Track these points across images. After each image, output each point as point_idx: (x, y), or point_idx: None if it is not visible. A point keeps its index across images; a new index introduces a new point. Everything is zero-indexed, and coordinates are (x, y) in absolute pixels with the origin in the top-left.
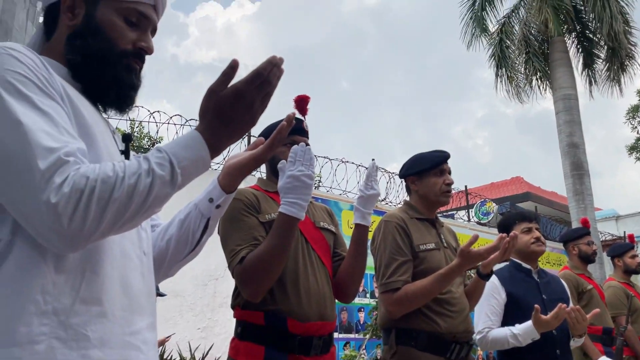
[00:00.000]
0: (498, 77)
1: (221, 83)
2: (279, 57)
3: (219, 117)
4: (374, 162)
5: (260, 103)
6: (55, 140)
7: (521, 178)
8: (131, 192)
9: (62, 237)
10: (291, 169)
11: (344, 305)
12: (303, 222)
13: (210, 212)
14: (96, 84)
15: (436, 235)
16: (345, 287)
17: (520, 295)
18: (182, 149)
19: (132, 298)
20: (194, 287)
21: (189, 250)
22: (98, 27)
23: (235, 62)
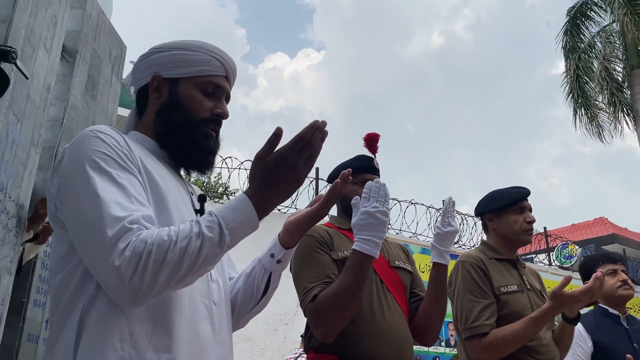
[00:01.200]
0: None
1: (267, 150)
2: (321, 120)
3: (265, 181)
4: (450, 198)
5: (304, 164)
6: (124, 210)
7: (605, 219)
8: (182, 254)
9: (125, 294)
10: (365, 205)
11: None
12: (377, 261)
13: (272, 267)
14: (180, 150)
15: (518, 276)
16: (425, 330)
17: (608, 343)
18: (231, 212)
19: (202, 345)
20: (265, 331)
21: (255, 303)
22: (180, 101)
23: (280, 130)
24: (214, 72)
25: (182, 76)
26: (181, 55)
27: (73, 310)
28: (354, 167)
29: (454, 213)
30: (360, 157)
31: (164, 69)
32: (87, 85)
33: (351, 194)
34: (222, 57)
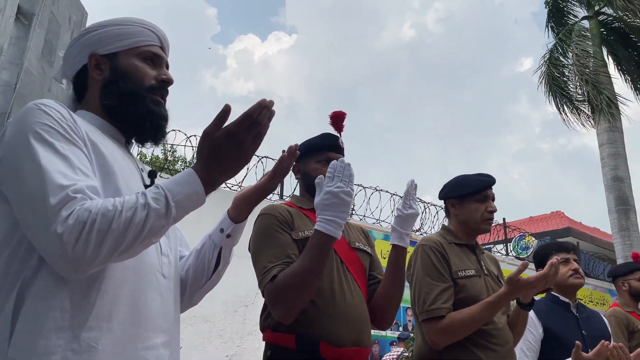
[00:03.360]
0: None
1: (215, 126)
2: (269, 100)
3: (212, 156)
4: (412, 181)
5: (252, 142)
6: (67, 179)
7: (562, 213)
8: (127, 224)
9: (67, 263)
10: (329, 185)
11: (376, 338)
12: (338, 242)
13: (222, 242)
14: (132, 120)
15: (476, 261)
16: (382, 313)
17: (558, 330)
18: (178, 185)
19: (147, 316)
20: (224, 312)
21: (206, 279)
22: (124, 72)
23: (228, 107)
24: (150, 42)
25: (120, 50)
26: (115, 30)
27: (15, 284)
28: (318, 145)
29: (415, 196)
30: (326, 135)
31: (100, 46)
32: (43, 50)
33: (315, 173)
34: (154, 28)
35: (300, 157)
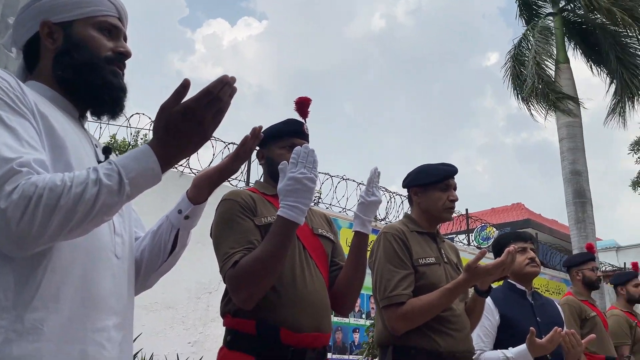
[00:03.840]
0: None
1: (173, 101)
2: (230, 76)
3: (170, 133)
4: (375, 168)
5: (212, 120)
6: (13, 152)
7: (522, 204)
8: (77, 200)
9: (11, 240)
10: (292, 171)
11: (339, 325)
12: (301, 228)
13: (180, 223)
14: (88, 91)
15: (437, 249)
16: (342, 299)
17: (514, 317)
18: (132, 161)
19: (98, 297)
20: (187, 299)
21: (162, 261)
22: (79, 42)
23: (187, 82)
24: (107, 13)
25: (75, 18)
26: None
27: None
28: (283, 131)
29: (378, 183)
30: (290, 120)
31: (54, 14)
32: None
33: (279, 159)
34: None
35: (264, 142)
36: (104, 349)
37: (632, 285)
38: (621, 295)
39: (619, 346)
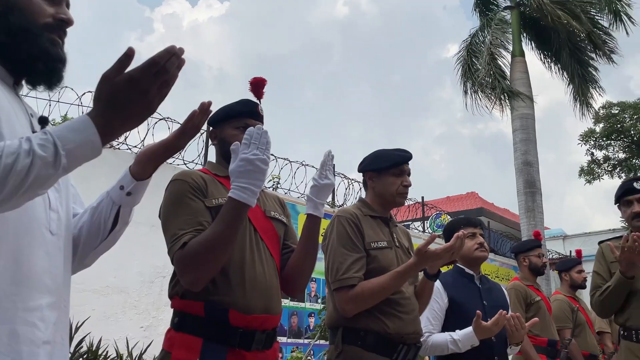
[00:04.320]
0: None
1: (116, 70)
2: (178, 47)
3: (112, 103)
4: (329, 151)
5: (158, 92)
6: None
7: (476, 194)
8: (8, 171)
9: None
10: (245, 152)
11: (294, 310)
12: (253, 210)
13: (121, 200)
14: (24, 59)
15: (389, 234)
16: (293, 281)
17: (462, 300)
18: (70, 132)
19: (30, 274)
20: (140, 284)
21: (102, 239)
22: (15, 5)
23: (131, 50)
24: None
25: None
26: None
27: None
28: (236, 111)
29: (332, 166)
30: (245, 101)
31: None
32: None
33: (232, 139)
34: None
35: (217, 123)
36: (36, 329)
37: (575, 271)
38: (565, 281)
39: (561, 329)
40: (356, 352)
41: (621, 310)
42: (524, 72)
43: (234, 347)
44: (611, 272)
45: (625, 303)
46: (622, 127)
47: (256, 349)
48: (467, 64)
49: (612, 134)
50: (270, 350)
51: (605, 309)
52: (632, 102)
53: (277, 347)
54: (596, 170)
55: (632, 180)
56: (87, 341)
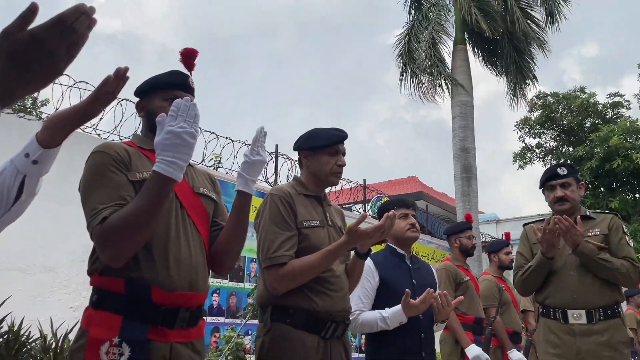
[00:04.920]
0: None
1: (18, 26)
2: (90, 5)
3: (12, 62)
4: (262, 127)
5: (66, 52)
6: None
7: (416, 178)
8: None
9: None
10: (171, 124)
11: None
12: (180, 185)
13: (27, 169)
14: None
15: (322, 212)
16: (221, 258)
17: (392, 279)
18: None
19: None
20: (70, 262)
21: (5, 210)
22: None
23: (35, 5)
24: None
25: None
26: None
27: None
28: (165, 83)
29: (264, 143)
30: (174, 72)
31: None
32: None
33: (159, 111)
34: None
35: (144, 93)
36: None
37: (503, 253)
38: (493, 262)
39: (488, 308)
40: (284, 329)
41: (541, 289)
42: (465, 60)
43: (156, 324)
44: (533, 253)
45: (544, 282)
46: (554, 116)
47: (180, 326)
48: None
49: (545, 123)
50: (195, 328)
51: (526, 288)
52: (565, 93)
53: (203, 324)
54: (528, 156)
55: (556, 167)
56: (8, 321)
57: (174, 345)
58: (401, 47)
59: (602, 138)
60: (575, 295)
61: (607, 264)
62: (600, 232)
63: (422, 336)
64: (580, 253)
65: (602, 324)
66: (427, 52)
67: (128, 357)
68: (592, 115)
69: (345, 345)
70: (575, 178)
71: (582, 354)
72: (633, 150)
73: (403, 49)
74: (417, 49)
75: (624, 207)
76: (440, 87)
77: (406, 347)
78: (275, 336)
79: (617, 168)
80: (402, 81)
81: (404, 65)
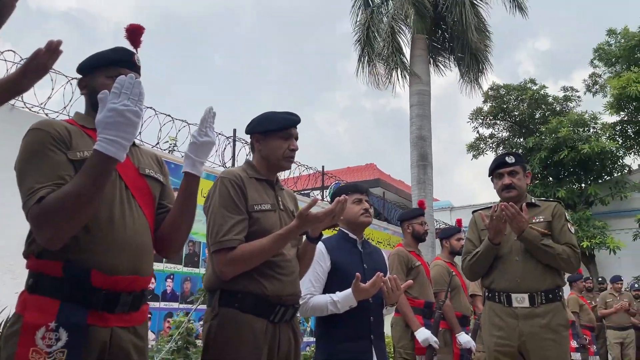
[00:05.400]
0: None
1: None
2: None
3: None
4: (211, 108)
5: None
6: None
7: (374, 165)
8: None
9: None
10: (114, 102)
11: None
12: (125, 166)
13: None
14: None
15: (274, 196)
16: (167, 242)
17: (344, 263)
18: None
19: None
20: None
21: None
22: None
23: None
24: None
25: None
26: None
27: None
28: (109, 60)
29: (212, 124)
30: (119, 48)
31: None
32: None
33: (102, 89)
34: None
35: (87, 70)
36: None
37: (455, 239)
38: (445, 248)
39: (438, 292)
40: (232, 314)
41: (487, 274)
42: (424, 50)
43: (96, 309)
44: (481, 239)
45: (490, 267)
46: (507, 107)
47: (121, 311)
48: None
49: (498, 114)
50: (138, 313)
51: (474, 273)
52: (517, 85)
53: (147, 309)
54: (482, 146)
55: (504, 155)
56: None
57: (114, 330)
58: (360, 34)
59: (551, 130)
60: (519, 279)
61: (550, 249)
62: (544, 219)
63: (371, 319)
64: (524, 239)
65: (544, 307)
66: (385, 41)
67: (65, 342)
68: (543, 107)
69: (295, 329)
70: (522, 166)
71: (524, 336)
72: (580, 141)
73: (362, 35)
74: (375, 37)
75: (570, 196)
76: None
77: (355, 330)
78: (223, 321)
79: (565, 159)
80: (359, 67)
81: (361, 52)
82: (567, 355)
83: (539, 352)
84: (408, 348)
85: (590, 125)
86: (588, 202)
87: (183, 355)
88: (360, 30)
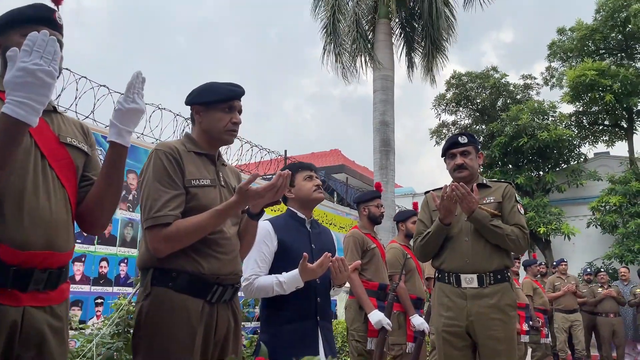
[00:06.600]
0: (326, 51)
1: None
2: None
3: None
4: (139, 73)
5: None
6: None
7: (339, 151)
8: None
9: None
10: (25, 60)
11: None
12: (42, 133)
13: None
14: None
15: (214, 172)
16: (92, 216)
17: (291, 243)
18: None
19: None
20: None
21: None
22: None
23: None
24: None
25: None
26: None
27: None
28: (25, 17)
29: (142, 90)
30: (38, 4)
31: None
32: None
33: (12, 45)
34: None
35: (2, 28)
36: None
37: (410, 222)
38: (401, 231)
39: (393, 275)
40: (165, 293)
41: (437, 254)
42: (387, 34)
43: (5, 287)
44: (433, 219)
45: (441, 248)
46: (469, 95)
47: (35, 289)
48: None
49: (461, 101)
50: (55, 292)
51: (425, 253)
52: (479, 73)
53: (67, 288)
54: (444, 132)
55: (457, 135)
56: None
57: (27, 309)
58: (326, 20)
59: (512, 117)
60: (468, 260)
61: (499, 230)
62: (495, 200)
63: (317, 300)
64: (474, 219)
65: (492, 288)
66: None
67: None
68: (504, 95)
69: (235, 310)
70: (475, 147)
71: (472, 316)
72: (539, 129)
73: (328, 21)
74: (340, 21)
75: (528, 183)
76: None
77: (301, 311)
78: (156, 301)
79: (524, 146)
80: (324, 54)
81: (327, 38)
82: (514, 335)
83: (486, 332)
84: (361, 330)
85: (549, 114)
86: (545, 190)
87: (123, 339)
88: (325, 15)
